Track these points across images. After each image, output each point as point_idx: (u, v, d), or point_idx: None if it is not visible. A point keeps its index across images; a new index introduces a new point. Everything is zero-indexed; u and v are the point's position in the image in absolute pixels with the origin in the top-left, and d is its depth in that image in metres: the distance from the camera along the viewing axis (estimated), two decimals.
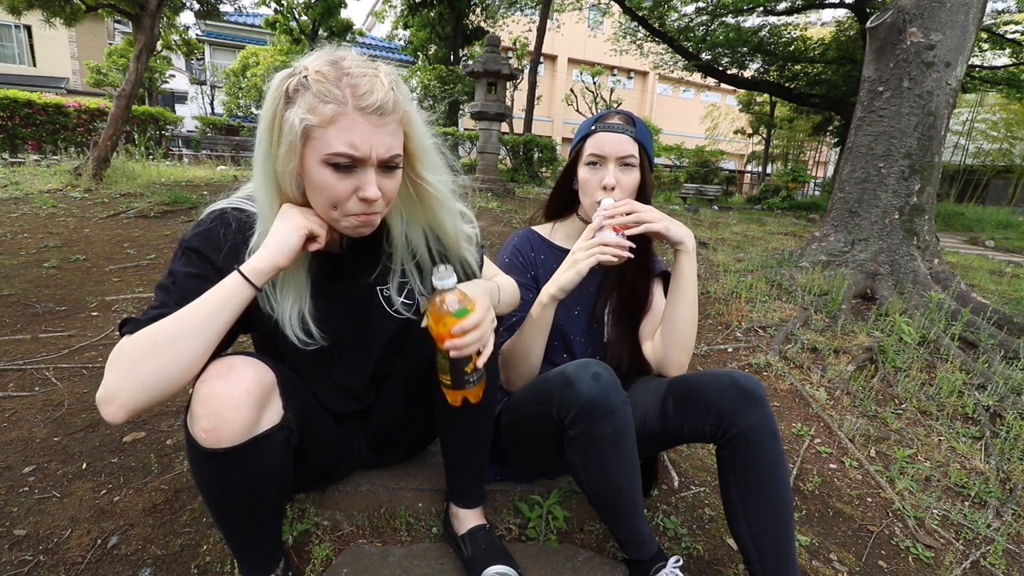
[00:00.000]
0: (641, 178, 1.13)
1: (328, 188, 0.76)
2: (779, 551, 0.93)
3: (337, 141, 0.73)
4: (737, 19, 12.17)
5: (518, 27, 16.71)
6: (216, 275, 0.79)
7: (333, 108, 0.72)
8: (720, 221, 7.51)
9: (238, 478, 0.78)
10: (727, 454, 0.95)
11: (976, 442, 1.89)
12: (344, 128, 0.73)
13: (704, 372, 1.05)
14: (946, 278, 3.28)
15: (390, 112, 0.76)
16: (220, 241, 0.82)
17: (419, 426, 1.13)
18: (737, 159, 26.32)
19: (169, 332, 0.70)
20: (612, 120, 1.13)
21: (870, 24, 3.53)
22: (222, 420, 0.73)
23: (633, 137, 1.11)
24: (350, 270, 0.95)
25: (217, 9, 8.03)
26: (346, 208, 0.78)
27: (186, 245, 0.82)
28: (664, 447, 1.17)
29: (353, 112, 0.73)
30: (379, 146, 0.75)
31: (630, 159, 1.11)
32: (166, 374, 0.69)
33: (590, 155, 1.12)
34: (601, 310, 1.23)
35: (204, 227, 0.83)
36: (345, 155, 0.74)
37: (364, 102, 0.73)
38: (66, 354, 1.96)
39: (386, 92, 0.75)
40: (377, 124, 0.75)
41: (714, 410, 0.94)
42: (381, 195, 0.78)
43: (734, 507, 0.96)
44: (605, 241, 1.01)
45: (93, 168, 5.31)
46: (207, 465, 0.77)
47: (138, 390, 0.68)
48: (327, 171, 0.75)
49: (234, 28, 20.95)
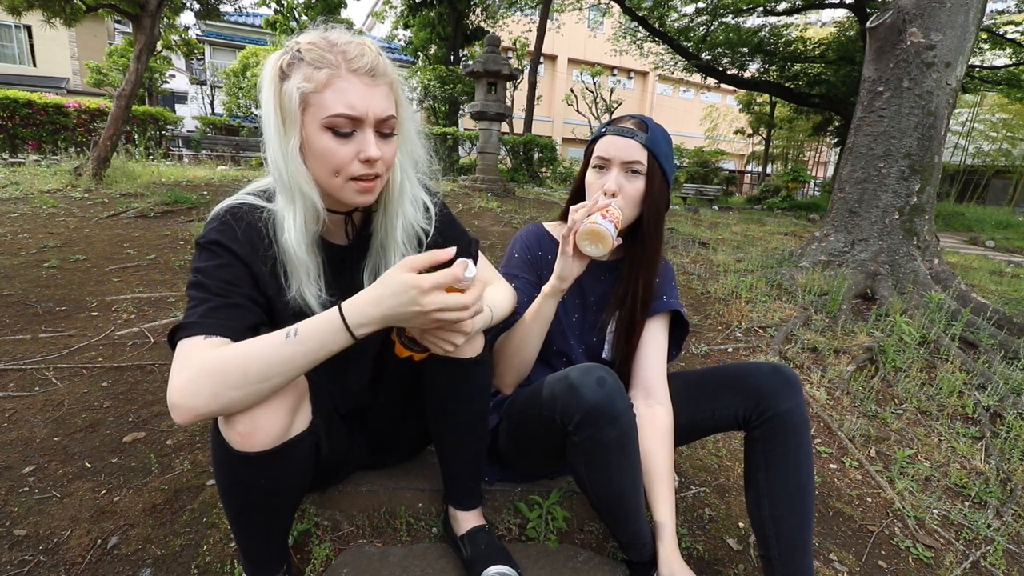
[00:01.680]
0: (647, 188, 1.06)
1: (329, 153, 0.77)
2: (798, 538, 0.95)
3: (335, 103, 0.75)
4: (737, 19, 12.18)
5: (518, 27, 16.71)
6: (240, 263, 0.80)
7: (328, 72, 0.74)
8: (720, 221, 7.51)
9: (265, 481, 0.78)
10: (759, 436, 0.98)
11: (976, 442, 1.88)
12: (340, 90, 0.75)
13: (742, 363, 1.08)
14: (946, 278, 3.28)
15: (382, 75, 0.78)
16: (235, 233, 0.82)
17: (414, 427, 1.13)
18: (737, 159, 26.32)
19: (259, 369, 0.69)
20: (623, 124, 1.09)
21: (870, 24, 3.53)
22: (257, 425, 0.73)
23: (642, 143, 1.05)
24: (350, 263, 0.95)
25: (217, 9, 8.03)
26: (349, 172, 0.79)
27: (204, 241, 0.81)
28: (683, 442, 1.16)
29: (347, 74, 0.75)
30: (375, 106, 0.77)
31: (636, 165, 1.05)
32: (247, 402, 0.70)
33: (596, 158, 1.09)
34: (605, 325, 1.19)
35: (217, 222, 0.83)
36: (343, 115, 0.75)
37: (356, 64, 0.76)
38: (66, 354, 1.96)
39: (375, 55, 0.78)
40: (371, 84, 0.77)
41: (754, 394, 0.98)
42: (382, 157, 0.79)
43: (758, 490, 0.98)
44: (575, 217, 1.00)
45: (93, 168, 5.31)
46: (237, 468, 0.77)
47: (219, 408, 0.70)
48: (327, 136, 0.76)
49: (234, 28, 20.95)
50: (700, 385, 1.09)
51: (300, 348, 0.70)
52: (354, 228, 0.94)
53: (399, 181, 0.88)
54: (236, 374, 0.68)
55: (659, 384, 1.09)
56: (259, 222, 0.83)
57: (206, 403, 0.67)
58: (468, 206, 5.61)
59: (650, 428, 1.03)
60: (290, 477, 0.81)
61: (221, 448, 0.75)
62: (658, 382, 1.10)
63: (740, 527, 1.34)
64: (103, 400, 1.66)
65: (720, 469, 1.60)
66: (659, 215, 1.10)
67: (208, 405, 0.68)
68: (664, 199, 1.10)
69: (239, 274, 0.80)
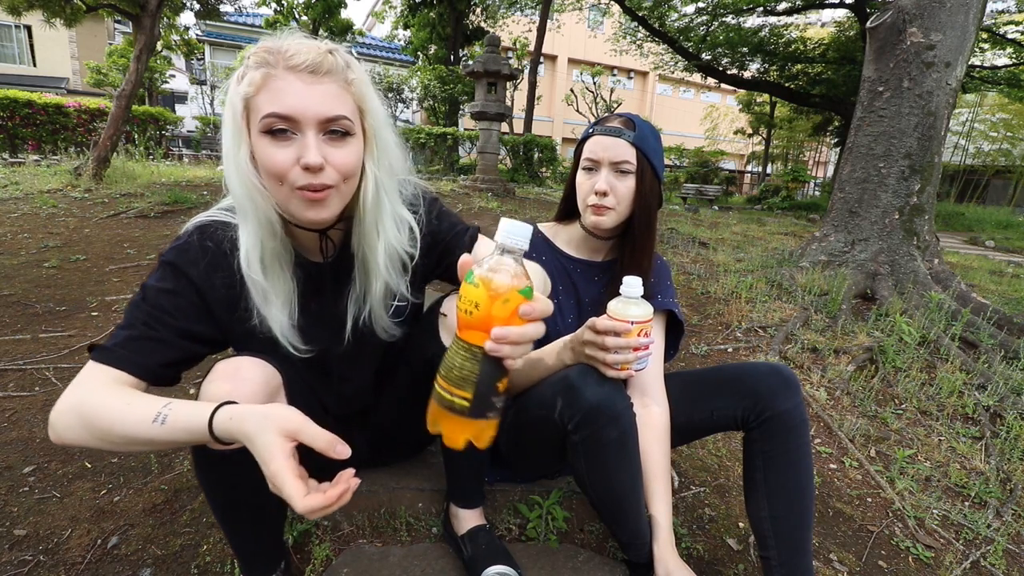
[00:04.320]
0: (637, 186, 1.06)
1: (269, 159, 0.71)
2: (797, 538, 0.95)
3: (268, 103, 0.69)
4: (737, 19, 12.17)
5: (518, 27, 16.70)
6: (191, 290, 0.78)
7: (263, 72, 0.70)
8: (720, 221, 7.50)
9: (245, 480, 0.77)
10: (758, 437, 0.98)
11: (976, 442, 1.88)
12: (274, 89, 0.70)
13: (741, 363, 1.08)
14: (946, 278, 3.28)
15: (326, 72, 0.71)
16: (198, 255, 0.80)
17: (419, 426, 1.13)
18: (737, 159, 26.31)
19: (122, 435, 0.66)
20: (610, 123, 1.08)
21: (870, 24, 3.53)
22: None
23: (630, 142, 1.04)
24: (333, 286, 0.89)
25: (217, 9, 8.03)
26: (291, 181, 0.71)
27: (163, 259, 0.80)
28: (681, 442, 1.17)
29: (283, 72, 0.70)
30: (316, 104, 0.70)
31: (624, 165, 1.04)
32: (115, 451, 0.71)
33: (585, 159, 1.08)
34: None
35: (182, 241, 0.81)
36: (274, 115, 0.69)
37: (294, 61, 0.70)
38: (66, 354, 1.96)
39: (320, 54, 0.72)
40: (311, 82, 0.70)
41: (752, 394, 0.98)
42: (328, 164, 0.72)
43: (757, 491, 0.98)
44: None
45: (93, 168, 5.31)
46: (215, 467, 0.77)
47: (84, 446, 0.72)
48: (265, 141, 0.71)
49: (234, 28, 20.94)
50: (699, 385, 1.09)
51: (164, 434, 0.65)
52: (333, 246, 0.87)
53: (372, 194, 0.79)
54: (102, 428, 0.67)
55: (655, 384, 1.09)
56: (225, 241, 0.80)
57: (73, 439, 0.68)
58: (468, 206, 5.62)
59: (646, 427, 1.03)
60: None
61: (198, 449, 0.74)
62: (655, 382, 1.09)
63: (740, 527, 1.34)
64: None
65: (720, 469, 1.59)
66: (650, 213, 1.09)
67: (75, 441, 0.68)
68: (655, 196, 1.10)
69: (181, 304, 0.77)
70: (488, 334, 0.53)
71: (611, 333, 0.83)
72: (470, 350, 0.55)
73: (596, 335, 0.84)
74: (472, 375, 0.54)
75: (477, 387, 0.54)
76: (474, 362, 0.54)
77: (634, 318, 0.81)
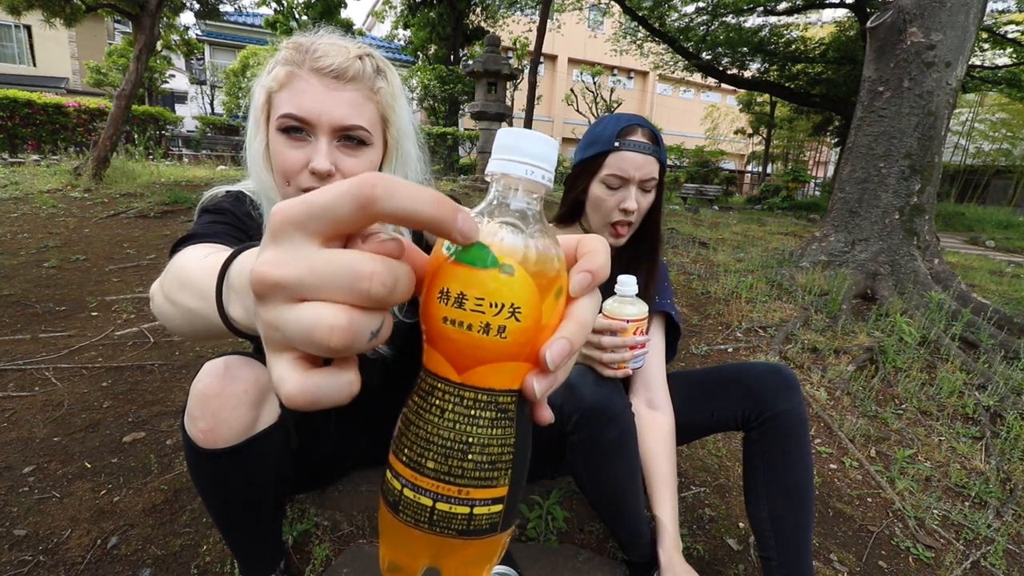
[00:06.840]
0: (657, 199, 1.05)
1: (279, 157, 0.71)
2: (797, 538, 0.95)
3: (287, 103, 0.70)
4: (737, 19, 12.17)
5: (518, 27, 16.70)
6: (237, 222, 0.79)
7: (288, 69, 0.70)
8: (720, 221, 7.50)
9: (236, 478, 0.77)
10: (757, 437, 0.98)
11: (976, 442, 1.88)
12: (296, 90, 0.70)
13: (741, 363, 1.08)
14: (946, 278, 3.28)
15: (351, 78, 0.71)
16: (229, 207, 0.81)
17: None
18: (737, 159, 26.31)
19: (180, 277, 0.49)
20: (637, 138, 0.99)
21: (870, 24, 3.53)
22: (220, 420, 0.72)
23: (657, 158, 1.01)
24: None
25: (217, 9, 8.03)
26: (298, 183, 0.71)
27: (200, 207, 0.80)
28: (681, 442, 1.16)
29: (307, 73, 0.70)
30: (333, 110, 0.70)
31: (652, 182, 1.01)
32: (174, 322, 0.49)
33: (611, 175, 0.99)
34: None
35: (219, 198, 0.82)
36: (290, 115, 0.69)
37: (320, 63, 0.70)
38: (66, 354, 1.96)
39: (349, 59, 0.71)
40: (333, 87, 0.70)
41: (753, 394, 0.98)
42: (338, 171, 0.71)
43: (757, 491, 0.98)
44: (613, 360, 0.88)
45: (93, 168, 5.31)
46: (205, 465, 0.76)
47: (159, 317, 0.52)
48: (280, 138, 0.71)
49: (234, 28, 20.94)
50: (699, 385, 1.09)
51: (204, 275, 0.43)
52: None
53: None
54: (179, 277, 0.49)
55: (660, 386, 1.09)
56: (255, 210, 0.82)
57: (155, 307, 0.53)
58: (468, 206, 5.61)
59: (652, 430, 1.03)
60: (263, 472, 0.80)
61: (189, 447, 0.75)
62: (658, 384, 1.09)
63: (740, 527, 1.34)
64: (103, 400, 1.66)
65: (720, 469, 1.59)
66: (659, 219, 1.10)
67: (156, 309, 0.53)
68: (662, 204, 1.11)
69: (230, 221, 0.77)
70: (530, 362, 0.27)
71: (607, 332, 0.83)
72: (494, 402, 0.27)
73: (592, 335, 0.84)
74: (503, 452, 0.27)
75: (513, 474, 0.27)
76: (505, 425, 0.27)
77: (630, 316, 0.81)
